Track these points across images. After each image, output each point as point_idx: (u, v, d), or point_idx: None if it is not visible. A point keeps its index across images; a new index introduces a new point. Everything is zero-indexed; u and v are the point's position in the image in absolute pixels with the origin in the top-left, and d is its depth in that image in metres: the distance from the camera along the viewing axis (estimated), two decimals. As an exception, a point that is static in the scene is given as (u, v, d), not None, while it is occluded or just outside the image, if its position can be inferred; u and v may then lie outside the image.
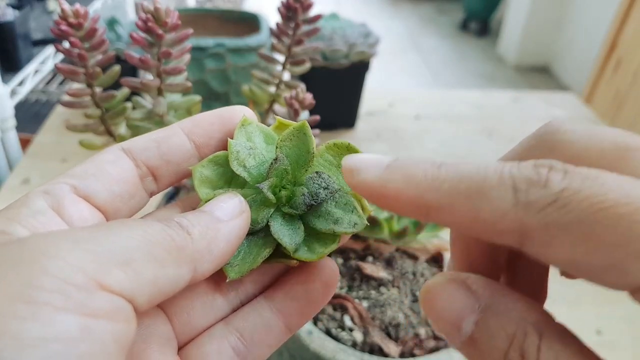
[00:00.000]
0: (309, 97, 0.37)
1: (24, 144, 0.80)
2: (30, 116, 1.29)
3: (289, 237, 0.20)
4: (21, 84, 0.85)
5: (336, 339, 0.34)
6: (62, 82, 1.34)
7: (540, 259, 0.13)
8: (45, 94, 1.33)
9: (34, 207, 0.17)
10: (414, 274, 0.39)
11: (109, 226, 0.15)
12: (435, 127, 0.85)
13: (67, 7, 0.34)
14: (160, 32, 0.34)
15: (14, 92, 0.82)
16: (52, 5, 1.29)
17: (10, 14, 1.00)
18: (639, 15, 1.62)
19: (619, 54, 1.70)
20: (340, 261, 0.40)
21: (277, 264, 0.21)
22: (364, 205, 0.21)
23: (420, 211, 0.15)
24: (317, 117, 0.38)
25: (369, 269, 0.38)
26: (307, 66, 0.44)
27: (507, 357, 0.14)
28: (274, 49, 0.43)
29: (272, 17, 0.56)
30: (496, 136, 0.83)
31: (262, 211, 0.20)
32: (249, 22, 0.74)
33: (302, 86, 0.40)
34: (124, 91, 0.38)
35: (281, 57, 0.44)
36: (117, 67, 0.38)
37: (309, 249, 0.20)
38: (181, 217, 0.17)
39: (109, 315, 0.13)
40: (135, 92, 0.38)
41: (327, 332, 0.35)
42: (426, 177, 0.14)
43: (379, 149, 0.78)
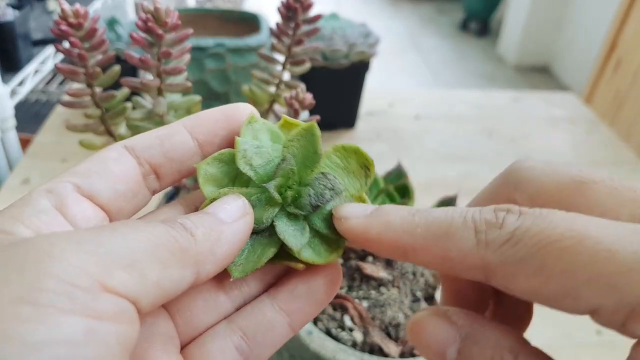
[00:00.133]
0: (309, 97, 0.37)
1: (24, 144, 0.80)
2: (30, 116, 1.29)
3: (294, 237, 0.20)
4: (21, 84, 0.85)
5: (336, 339, 0.34)
6: (62, 82, 1.34)
7: (505, 291, 0.15)
8: (45, 94, 1.33)
9: (38, 206, 0.17)
10: (414, 274, 0.39)
11: (113, 227, 0.15)
12: (435, 127, 0.85)
13: (67, 7, 0.34)
14: (160, 32, 0.34)
15: (14, 92, 0.82)
16: (52, 5, 1.29)
17: (10, 14, 1.00)
18: (639, 15, 1.62)
19: (619, 54, 1.70)
20: (340, 261, 0.40)
21: (282, 265, 0.20)
22: None
23: (398, 252, 0.17)
24: (317, 117, 0.38)
25: (369, 269, 0.38)
26: (307, 66, 0.44)
27: None
28: (274, 49, 0.43)
29: (272, 17, 0.56)
30: (496, 136, 0.83)
31: (267, 210, 0.20)
32: (249, 22, 0.74)
33: (302, 86, 0.40)
34: (124, 91, 0.38)
35: (281, 57, 0.44)
36: (117, 67, 0.38)
37: (314, 251, 0.20)
38: (185, 219, 0.17)
39: (114, 317, 0.13)
40: (135, 92, 0.38)
41: (327, 332, 0.35)
42: (402, 223, 0.17)
43: (379, 149, 0.78)
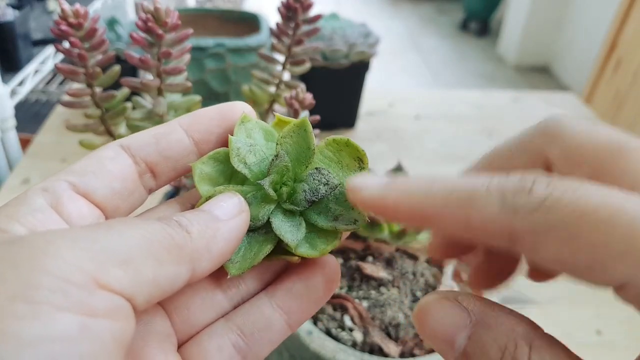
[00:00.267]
0: (309, 97, 0.37)
1: (24, 144, 0.80)
2: (30, 116, 1.29)
3: (291, 233, 0.20)
4: (21, 84, 0.85)
5: (336, 339, 0.34)
6: (62, 82, 1.34)
7: (529, 259, 0.15)
8: (45, 94, 1.33)
9: (33, 204, 0.17)
10: (414, 274, 0.39)
11: (108, 225, 0.15)
12: (435, 127, 0.85)
13: (67, 7, 0.34)
14: (160, 32, 0.34)
15: (14, 92, 0.82)
16: (52, 5, 1.29)
17: (10, 14, 1.00)
18: (639, 15, 1.62)
19: (619, 54, 1.70)
20: (340, 261, 0.40)
21: (278, 260, 0.20)
22: None
23: (416, 219, 0.16)
24: (317, 117, 0.38)
25: (369, 269, 0.38)
26: (307, 66, 0.44)
27: None
28: (274, 49, 0.43)
29: (272, 17, 0.56)
30: (496, 136, 0.83)
31: (263, 208, 0.20)
32: (249, 22, 0.74)
33: (302, 86, 0.40)
34: (124, 91, 0.38)
35: (281, 57, 0.44)
36: (117, 67, 0.38)
37: (310, 246, 0.20)
38: (180, 216, 0.17)
39: (109, 314, 0.13)
40: (135, 92, 0.38)
41: (327, 332, 0.35)
42: (421, 189, 0.16)
43: (379, 149, 0.77)
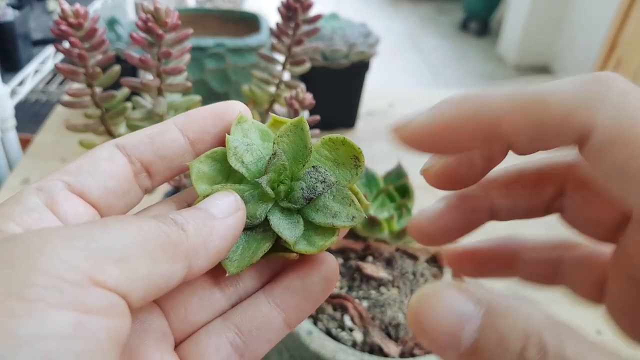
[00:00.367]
0: (309, 97, 0.37)
1: (24, 144, 0.80)
2: (30, 116, 1.29)
3: (289, 230, 0.20)
4: (21, 84, 0.85)
5: (336, 339, 0.34)
6: (62, 82, 1.34)
7: (591, 166, 0.15)
8: (45, 94, 1.33)
9: (28, 204, 0.17)
10: (414, 274, 0.39)
11: (103, 223, 0.15)
12: (435, 127, 0.85)
13: (67, 7, 0.34)
14: (160, 32, 0.34)
15: (14, 92, 0.82)
16: (52, 5, 1.29)
17: (10, 14, 1.00)
18: (639, 15, 1.62)
19: (619, 54, 1.70)
20: (340, 261, 0.40)
21: (276, 259, 0.20)
22: (361, 199, 0.21)
23: (479, 131, 0.16)
24: (317, 117, 0.38)
25: (369, 269, 0.38)
26: (307, 66, 0.44)
27: (523, 358, 0.13)
28: (274, 49, 0.43)
29: (272, 17, 0.56)
30: (496, 136, 0.83)
31: (261, 206, 0.20)
32: (249, 22, 0.74)
33: (302, 86, 0.40)
34: (124, 91, 0.38)
35: (281, 57, 0.44)
36: (117, 67, 0.38)
37: (308, 242, 0.20)
38: (176, 214, 0.17)
39: (104, 311, 0.13)
40: (135, 92, 0.38)
41: (327, 332, 0.35)
42: (483, 99, 0.16)
43: (379, 149, 0.77)
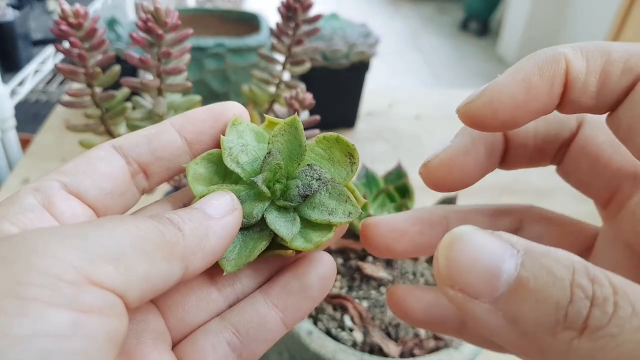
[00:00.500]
0: (309, 97, 0.37)
1: (24, 144, 0.80)
2: (30, 116, 1.29)
3: (285, 227, 0.20)
4: (21, 84, 0.85)
5: (336, 339, 0.34)
6: (62, 82, 1.34)
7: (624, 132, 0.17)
8: (45, 94, 1.33)
9: (24, 204, 0.17)
10: (414, 274, 0.39)
11: (100, 222, 0.15)
12: (435, 127, 0.85)
13: (67, 7, 0.34)
14: (160, 32, 0.34)
15: (14, 92, 0.82)
16: (52, 5, 1.29)
17: (10, 14, 1.00)
18: (639, 15, 1.62)
19: (619, 54, 1.70)
20: (340, 261, 0.40)
21: (273, 257, 0.21)
22: (357, 195, 0.21)
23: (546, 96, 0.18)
24: (317, 117, 0.38)
25: (369, 269, 0.38)
26: (307, 66, 0.44)
27: (574, 286, 0.13)
28: (274, 49, 0.43)
29: (272, 17, 0.56)
30: (496, 136, 0.83)
31: (257, 205, 0.20)
32: (249, 22, 0.74)
33: (302, 86, 0.40)
34: (124, 91, 0.38)
35: (281, 57, 0.44)
36: (117, 67, 0.38)
37: (305, 239, 0.20)
38: (172, 214, 0.17)
39: (100, 310, 0.13)
40: (135, 92, 0.38)
41: (327, 332, 0.35)
42: (555, 49, 0.18)
43: (379, 149, 0.77)
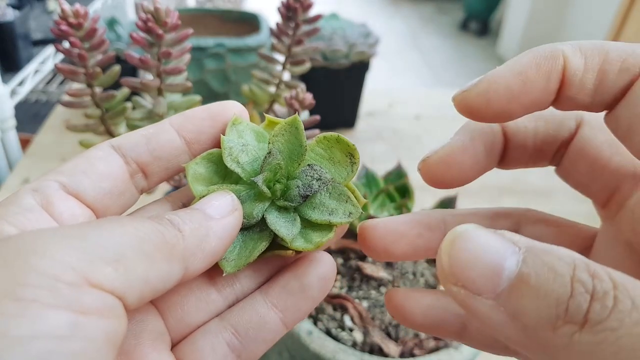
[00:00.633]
0: (309, 97, 0.37)
1: (24, 144, 0.80)
2: (30, 116, 1.29)
3: (285, 227, 0.20)
4: (21, 84, 0.85)
5: (336, 339, 0.34)
6: (62, 82, 1.34)
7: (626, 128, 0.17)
8: (45, 94, 1.33)
9: (23, 204, 0.16)
10: (414, 274, 0.39)
11: (99, 223, 0.15)
12: (435, 127, 0.85)
13: (67, 7, 0.34)
14: (160, 32, 0.34)
15: (14, 92, 0.82)
16: (52, 5, 1.29)
17: (10, 14, 1.00)
18: (639, 15, 1.62)
19: (619, 53, 1.70)
20: (340, 261, 0.40)
21: (273, 258, 0.20)
22: (357, 195, 0.21)
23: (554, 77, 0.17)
24: (317, 117, 0.38)
25: (369, 269, 0.38)
26: (307, 66, 0.44)
27: (574, 281, 0.13)
28: (274, 49, 0.43)
29: (272, 17, 0.56)
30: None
31: (257, 205, 0.20)
32: (249, 22, 0.74)
33: (302, 86, 0.40)
34: (124, 91, 0.38)
35: (281, 57, 0.44)
36: (117, 67, 0.38)
37: (305, 240, 0.20)
38: (172, 215, 0.17)
39: (99, 312, 0.13)
40: (135, 92, 0.38)
41: (327, 332, 0.35)
42: (554, 46, 0.18)
43: (379, 149, 0.77)
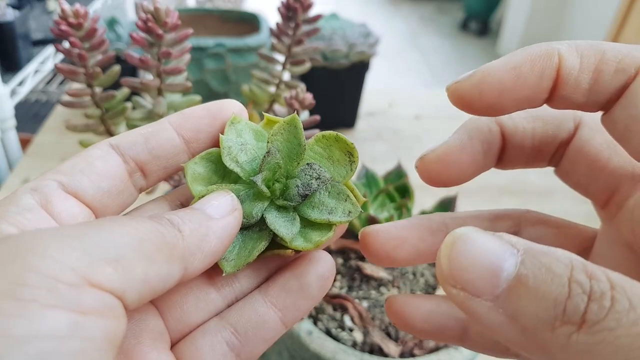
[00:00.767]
0: (309, 97, 0.37)
1: (24, 144, 0.80)
2: (30, 116, 1.29)
3: (285, 227, 0.20)
4: (21, 84, 0.85)
5: (336, 339, 0.34)
6: (62, 82, 1.34)
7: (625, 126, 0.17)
8: (45, 94, 1.33)
9: (22, 204, 0.16)
10: (414, 274, 0.39)
11: (99, 223, 0.15)
12: (435, 127, 0.85)
13: (67, 7, 0.34)
14: (160, 32, 0.34)
15: (14, 92, 0.82)
16: (52, 5, 1.29)
17: (10, 14, 1.00)
18: (639, 15, 1.62)
19: (619, 53, 1.70)
20: (340, 261, 0.40)
21: (273, 257, 0.20)
22: (356, 194, 0.21)
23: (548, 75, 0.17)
24: (317, 117, 0.38)
25: (369, 269, 0.38)
26: (307, 66, 0.44)
27: (572, 282, 0.13)
28: (274, 49, 0.43)
29: (272, 17, 0.56)
30: (496, 136, 0.83)
31: (256, 205, 0.20)
32: (249, 22, 0.74)
33: (302, 86, 0.40)
34: (124, 91, 0.38)
35: (281, 57, 0.44)
36: (117, 67, 0.38)
37: (305, 239, 0.20)
38: (172, 215, 0.17)
39: (99, 312, 0.13)
40: (135, 92, 0.38)
41: (327, 332, 0.35)
42: (549, 45, 0.18)
43: (379, 149, 0.77)
